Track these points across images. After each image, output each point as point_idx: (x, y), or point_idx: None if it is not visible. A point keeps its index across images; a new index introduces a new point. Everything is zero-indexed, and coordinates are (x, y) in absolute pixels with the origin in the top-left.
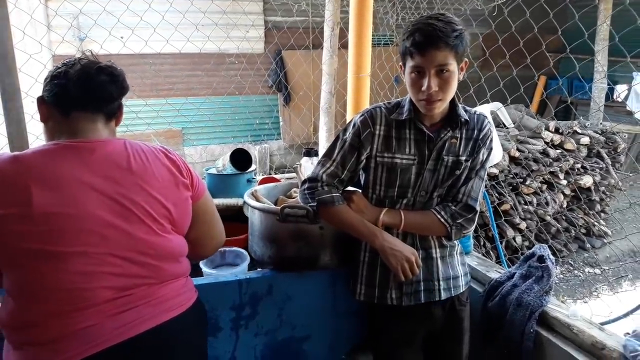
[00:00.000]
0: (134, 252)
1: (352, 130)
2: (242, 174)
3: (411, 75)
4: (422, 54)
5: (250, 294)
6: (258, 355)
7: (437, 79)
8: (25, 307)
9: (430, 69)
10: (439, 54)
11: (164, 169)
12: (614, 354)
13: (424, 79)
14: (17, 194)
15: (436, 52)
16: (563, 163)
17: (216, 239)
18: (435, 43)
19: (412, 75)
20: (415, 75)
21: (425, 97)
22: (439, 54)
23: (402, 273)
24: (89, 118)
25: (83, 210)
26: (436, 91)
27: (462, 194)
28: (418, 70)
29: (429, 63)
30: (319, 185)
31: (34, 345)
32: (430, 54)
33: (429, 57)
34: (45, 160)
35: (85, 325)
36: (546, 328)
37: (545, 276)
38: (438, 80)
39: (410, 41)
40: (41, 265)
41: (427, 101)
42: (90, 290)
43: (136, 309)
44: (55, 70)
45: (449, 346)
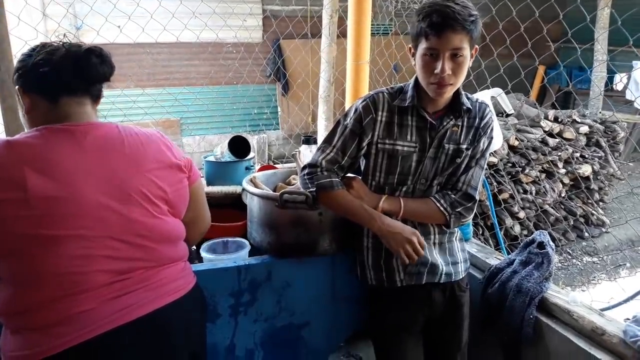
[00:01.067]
0: (131, 234)
1: (354, 115)
2: (240, 161)
3: (424, 57)
4: (438, 36)
5: (249, 281)
6: (257, 342)
7: (451, 62)
8: (21, 293)
9: (445, 51)
10: (455, 36)
11: (158, 152)
12: (614, 339)
13: (438, 62)
14: (11, 179)
15: (453, 35)
16: (562, 152)
17: (204, 223)
18: (452, 25)
19: (425, 58)
20: (428, 58)
21: (437, 80)
22: (455, 37)
23: (406, 255)
24: (78, 102)
25: (79, 194)
26: (449, 75)
27: (462, 182)
28: (432, 52)
29: (444, 45)
30: (318, 170)
31: (31, 330)
32: (447, 35)
33: (445, 39)
34: (39, 144)
35: (82, 310)
36: (546, 314)
37: (545, 262)
38: (452, 64)
39: (426, 22)
40: (37, 250)
41: (438, 85)
42: (87, 274)
43: (133, 293)
44: (33, 59)
45: (448, 332)
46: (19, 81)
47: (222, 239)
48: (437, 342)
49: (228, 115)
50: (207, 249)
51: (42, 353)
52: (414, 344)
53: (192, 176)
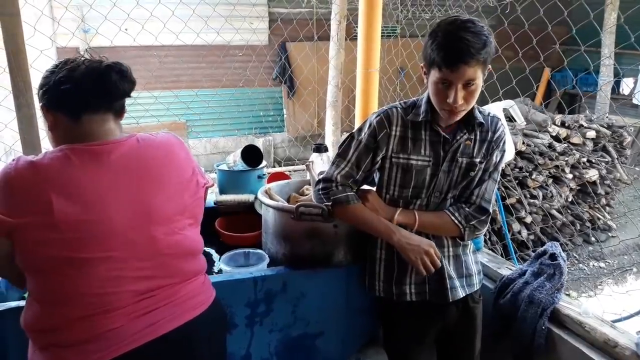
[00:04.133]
0: (155, 253)
1: (368, 130)
2: (253, 170)
3: (437, 85)
4: (451, 70)
5: (265, 291)
6: (272, 352)
7: (464, 91)
8: (50, 311)
9: (458, 83)
10: (469, 69)
11: (180, 164)
12: (627, 351)
13: (451, 90)
14: (36, 202)
15: (466, 68)
16: (569, 157)
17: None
18: (466, 60)
19: (437, 86)
20: (441, 86)
21: (449, 108)
22: (469, 70)
23: (423, 267)
24: (101, 119)
25: (106, 216)
26: (462, 104)
27: (476, 195)
28: (444, 82)
29: (457, 78)
30: (333, 185)
31: (60, 347)
32: (460, 69)
33: (459, 72)
34: (63, 166)
35: (111, 328)
36: (558, 325)
37: (557, 274)
38: (464, 93)
39: (440, 56)
40: (67, 271)
41: (450, 112)
42: (115, 295)
43: (159, 310)
44: (55, 76)
45: (461, 343)
46: (43, 99)
47: (244, 249)
48: (451, 353)
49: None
50: (229, 260)
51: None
52: (428, 355)
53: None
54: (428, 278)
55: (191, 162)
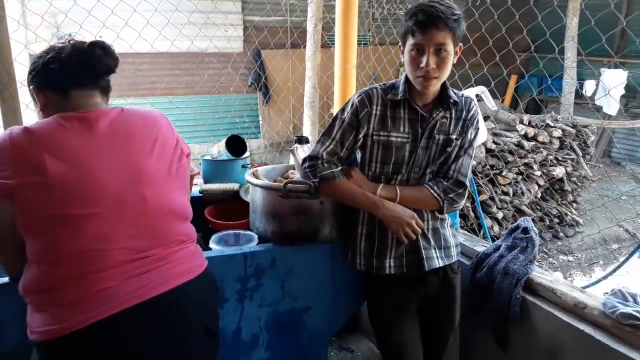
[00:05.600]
0: (146, 212)
1: (351, 110)
2: (237, 159)
3: (411, 53)
4: (423, 33)
5: (254, 267)
6: (262, 326)
7: (435, 57)
8: (45, 271)
9: (429, 47)
10: (438, 33)
11: (164, 133)
12: (595, 311)
13: (423, 56)
14: (32, 164)
15: (436, 32)
16: (537, 154)
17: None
18: (436, 23)
19: (412, 53)
20: (415, 53)
21: (423, 73)
22: (438, 34)
23: (405, 236)
24: (88, 94)
25: (96, 176)
26: (433, 68)
27: (453, 170)
28: (418, 48)
29: (428, 41)
30: (319, 162)
31: (56, 307)
32: (431, 32)
33: (429, 35)
34: (56, 131)
35: (104, 287)
36: (531, 293)
37: (529, 246)
38: (436, 59)
39: (412, 20)
40: (59, 229)
41: (424, 78)
42: (107, 251)
43: (152, 272)
44: (44, 58)
45: (442, 311)
46: (33, 81)
47: (234, 231)
48: (432, 321)
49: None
50: (219, 240)
51: (68, 328)
52: (411, 322)
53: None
54: (406, 251)
55: (175, 133)
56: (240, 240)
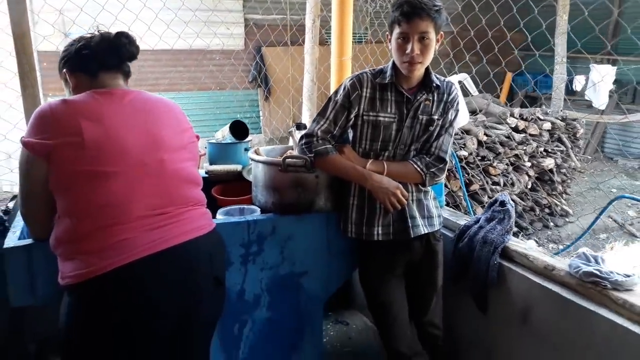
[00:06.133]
0: (163, 174)
1: (343, 92)
2: (240, 143)
3: (397, 40)
4: (408, 22)
5: (257, 233)
6: (264, 288)
7: (419, 44)
8: (76, 223)
9: (414, 35)
10: (422, 22)
11: (177, 116)
12: (562, 272)
13: (408, 44)
14: (69, 127)
15: (419, 21)
16: (527, 146)
17: None
18: (419, 13)
19: (398, 41)
20: (401, 41)
21: (408, 59)
22: (422, 23)
23: (391, 205)
24: (113, 76)
25: (122, 138)
26: (418, 54)
27: (435, 147)
28: (403, 36)
29: (413, 30)
30: (314, 139)
31: (84, 254)
32: (415, 22)
33: (414, 24)
34: (90, 100)
35: (125, 237)
36: (508, 260)
37: (506, 218)
38: (420, 46)
39: (399, 11)
40: (89, 184)
41: (409, 63)
42: (128, 207)
43: (168, 226)
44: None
45: (425, 274)
46: (65, 66)
47: (239, 206)
48: (416, 284)
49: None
50: (225, 213)
51: (95, 272)
52: (398, 284)
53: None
54: (392, 220)
55: (186, 117)
56: (245, 213)
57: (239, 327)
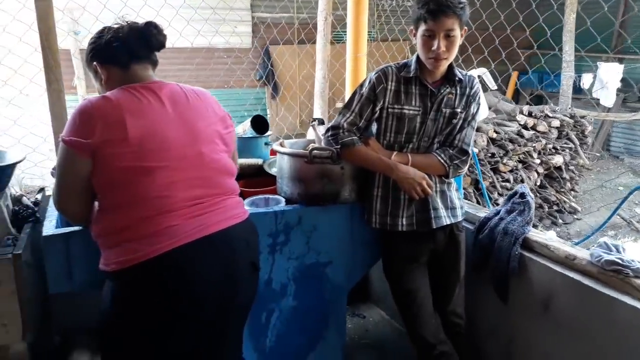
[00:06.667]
0: (203, 166)
1: (368, 85)
2: (260, 137)
3: (423, 37)
4: (434, 20)
5: (284, 224)
6: (290, 277)
7: (445, 41)
8: (123, 214)
9: (440, 32)
10: (448, 20)
11: (212, 105)
12: (583, 261)
13: (434, 40)
14: (114, 125)
15: (445, 19)
16: (536, 143)
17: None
18: (445, 11)
19: (424, 38)
20: (426, 38)
21: (434, 55)
22: (447, 21)
23: (416, 194)
24: (144, 67)
25: (164, 134)
26: (444, 51)
27: (458, 140)
28: (429, 33)
29: (439, 27)
30: (340, 131)
31: (130, 241)
32: (441, 20)
33: (440, 22)
34: (130, 97)
35: (169, 225)
36: (528, 250)
37: (526, 209)
38: (445, 42)
39: (424, 9)
40: (138, 179)
41: (435, 59)
42: (172, 198)
43: (207, 214)
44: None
45: (448, 264)
46: (95, 58)
47: (264, 196)
48: (440, 273)
49: None
50: (251, 203)
51: (140, 258)
52: (422, 273)
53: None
54: (415, 210)
55: (220, 105)
56: (270, 203)
57: (266, 316)
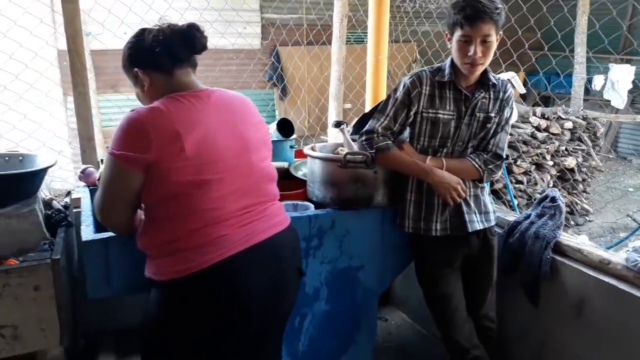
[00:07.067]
0: (252, 176)
1: (403, 90)
2: (286, 140)
3: (459, 42)
4: (471, 25)
5: (317, 228)
6: (322, 281)
7: (482, 46)
8: (177, 225)
9: (476, 38)
10: (484, 26)
11: (251, 109)
12: (618, 266)
13: (471, 46)
14: (170, 137)
15: (482, 25)
16: (549, 145)
17: None
18: (483, 17)
19: (460, 43)
20: (463, 43)
21: (470, 61)
22: (484, 26)
23: (451, 199)
24: (187, 71)
25: (218, 144)
26: (480, 56)
27: (492, 144)
28: (466, 39)
29: (476, 33)
30: (375, 136)
31: (184, 251)
32: (478, 25)
33: (477, 28)
34: (179, 106)
35: (221, 235)
36: (560, 254)
37: (557, 213)
38: (482, 48)
39: (462, 14)
40: (194, 192)
41: (471, 65)
42: (223, 209)
43: (255, 222)
44: (146, 42)
45: (482, 268)
46: (136, 64)
47: (293, 202)
48: (473, 277)
49: None
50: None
51: (193, 268)
52: (456, 277)
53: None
54: (450, 215)
55: (256, 109)
56: (299, 209)
57: (299, 320)
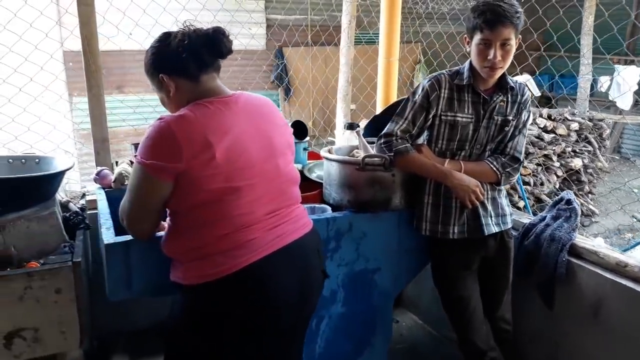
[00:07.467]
0: (279, 180)
1: (421, 93)
2: (299, 142)
3: (479, 46)
4: (491, 30)
5: (335, 230)
6: (339, 284)
7: (501, 50)
8: (209, 230)
9: (496, 41)
10: (504, 30)
11: (275, 112)
12: (635, 268)
13: (491, 49)
14: (200, 145)
15: (503, 29)
16: (556, 146)
17: None
18: (503, 21)
19: (479, 47)
20: (482, 47)
21: (490, 64)
22: (504, 30)
23: (470, 202)
24: (212, 77)
25: (247, 151)
26: (499, 60)
27: (510, 147)
28: (485, 42)
29: (496, 37)
30: (393, 139)
31: (215, 255)
32: (498, 29)
33: (497, 32)
34: (208, 113)
35: (250, 238)
36: (576, 257)
37: (572, 216)
38: (502, 52)
39: (481, 18)
40: (225, 198)
41: (491, 68)
42: (252, 214)
43: (282, 225)
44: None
45: (499, 270)
46: (161, 70)
47: (310, 205)
48: (490, 280)
49: None
50: None
51: (225, 271)
52: (473, 279)
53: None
54: (467, 218)
55: (280, 112)
56: (316, 212)
57: (316, 322)
